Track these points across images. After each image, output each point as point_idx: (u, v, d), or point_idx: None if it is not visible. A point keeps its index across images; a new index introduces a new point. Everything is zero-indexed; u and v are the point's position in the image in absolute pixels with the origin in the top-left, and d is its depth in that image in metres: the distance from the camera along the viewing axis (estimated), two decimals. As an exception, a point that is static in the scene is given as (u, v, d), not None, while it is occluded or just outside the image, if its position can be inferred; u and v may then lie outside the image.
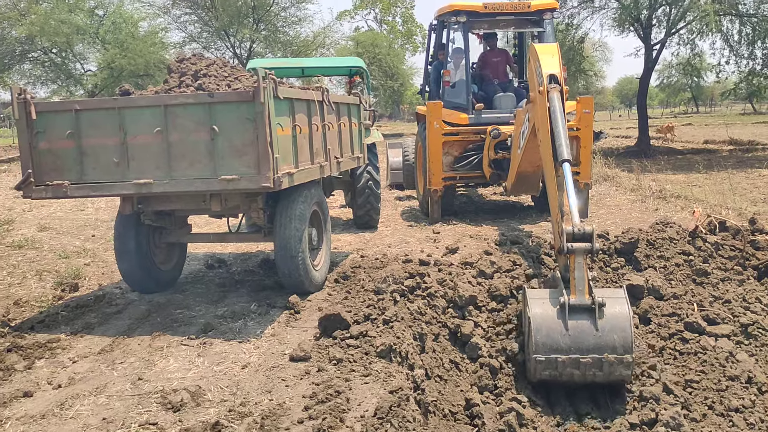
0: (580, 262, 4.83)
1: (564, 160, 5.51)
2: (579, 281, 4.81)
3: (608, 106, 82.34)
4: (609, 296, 4.90)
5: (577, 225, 4.97)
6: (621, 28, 22.45)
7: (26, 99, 5.44)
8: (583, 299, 4.78)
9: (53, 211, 11.99)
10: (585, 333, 4.75)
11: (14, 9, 29.43)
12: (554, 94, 5.96)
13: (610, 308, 4.79)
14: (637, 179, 13.38)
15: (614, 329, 4.74)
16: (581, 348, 4.74)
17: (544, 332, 4.79)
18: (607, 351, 4.71)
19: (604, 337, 4.72)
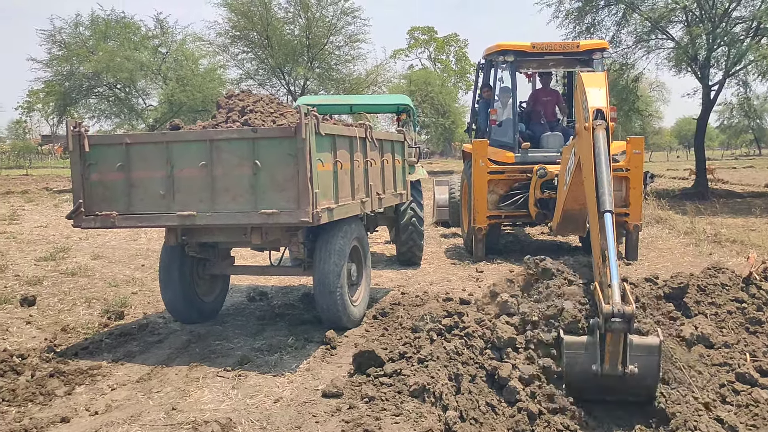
0: (616, 340, 4.85)
1: (606, 211, 5.36)
2: (613, 355, 4.90)
3: (666, 146, 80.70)
4: (642, 354, 4.93)
5: (617, 305, 4.90)
6: (677, 68, 22.09)
7: (80, 132, 5.66)
8: (615, 370, 4.90)
9: (107, 240, 12.39)
10: (614, 389, 5.02)
11: (83, 46, 30.96)
12: (600, 132, 5.72)
13: (641, 370, 4.89)
14: (691, 222, 13.00)
15: (641, 387, 4.96)
16: (610, 394, 5.07)
17: (576, 386, 5.07)
18: (632, 396, 5.03)
19: (632, 390, 5.00)
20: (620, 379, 4.90)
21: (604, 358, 4.94)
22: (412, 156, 9.13)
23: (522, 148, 10.30)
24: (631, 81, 22.63)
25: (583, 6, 20.91)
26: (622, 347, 4.86)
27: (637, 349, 4.92)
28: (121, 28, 32.08)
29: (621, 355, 4.88)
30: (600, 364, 4.92)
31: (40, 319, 6.96)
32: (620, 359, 4.87)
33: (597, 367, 4.91)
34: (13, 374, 5.18)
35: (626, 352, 4.89)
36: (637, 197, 9.73)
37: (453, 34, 67.76)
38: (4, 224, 15.27)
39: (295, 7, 32.02)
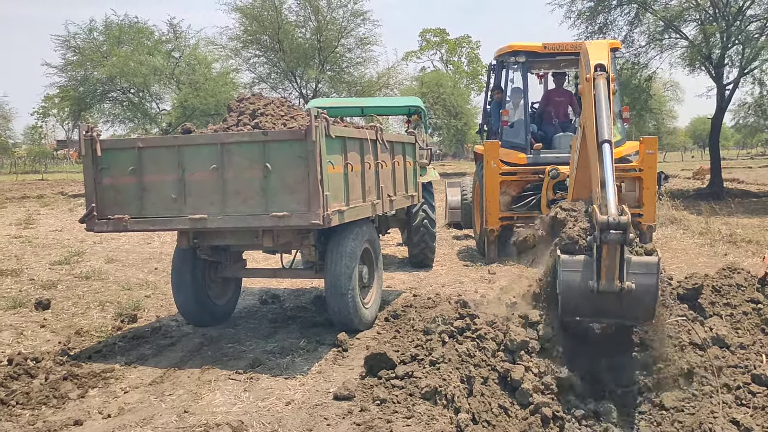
0: (612, 252, 4.81)
1: (604, 141, 5.38)
2: (609, 269, 4.84)
3: (681, 146, 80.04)
4: (641, 272, 4.88)
5: (612, 215, 4.87)
6: (691, 67, 21.92)
7: (92, 137, 5.70)
8: (612, 286, 4.82)
9: (121, 244, 12.47)
10: (611, 308, 4.93)
11: (97, 51, 31.23)
12: (600, 80, 5.86)
13: (638, 288, 4.83)
14: (706, 222, 12.88)
15: (640, 305, 4.88)
16: (606, 316, 5.05)
17: (572, 305, 5.03)
18: (630, 318, 5.00)
19: (629, 311, 4.93)
20: (617, 297, 4.82)
21: (601, 274, 4.88)
22: (423, 158, 9.11)
23: (534, 149, 10.25)
24: (643, 81, 22.49)
25: (595, 6, 20.81)
26: (619, 261, 4.82)
27: (635, 267, 4.88)
28: (135, 33, 32.34)
29: (618, 270, 4.83)
30: (597, 280, 4.86)
31: (55, 323, 7.01)
32: (617, 274, 4.82)
33: (593, 284, 4.85)
34: (27, 377, 5.22)
35: (623, 267, 4.84)
36: (650, 198, 9.66)
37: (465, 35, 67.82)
38: (20, 228, 15.42)
39: (305, 11, 32.16)
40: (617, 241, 4.80)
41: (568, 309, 5.05)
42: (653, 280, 4.89)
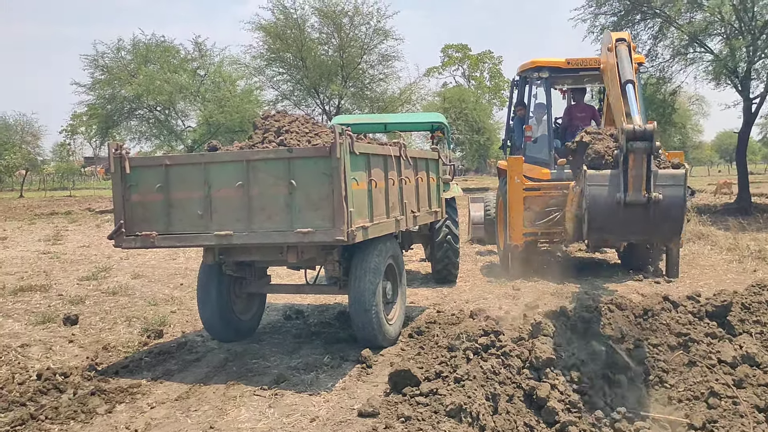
0: (639, 161, 4.81)
1: (627, 81, 5.42)
2: (636, 179, 4.81)
3: (707, 161, 79.08)
4: (667, 184, 4.83)
5: (638, 124, 4.88)
6: (716, 81, 21.68)
7: (121, 154, 5.81)
8: (639, 196, 4.77)
9: (147, 260, 12.61)
10: (638, 223, 4.85)
11: (125, 70, 31.81)
12: (622, 47, 6.00)
13: (665, 200, 4.78)
14: (734, 238, 12.69)
15: (666, 219, 4.81)
16: (632, 232, 4.98)
17: (599, 222, 4.95)
18: (657, 234, 4.98)
19: (656, 226, 4.85)
20: (644, 210, 4.76)
21: (628, 185, 4.83)
22: (446, 173, 9.12)
23: (558, 164, 10.20)
24: (668, 95, 22.30)
25: (618, 20, 20.72)
26: (646, 171, 4.79)
27: (662, 179, 4.84)
28: (161, 52, 32.86)
29: (645, 180, 4.79)
30: (624, 191, 4.81)
31: (82, 338, 7.10)
32: (644, 184, 4.78)
33: (620, 195, 4.80)
34: (56, 392, 5.29)
35: (650, 178, 4.80)
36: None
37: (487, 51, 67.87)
38: (49, 244, 15.68)
39: (328, 28, 32.42)
40: (644, 150, 4.76)
41: (595, 226, 4.93)
42: (680, 192, 4.81)
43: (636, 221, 4.84)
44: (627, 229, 4.91)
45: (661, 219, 4.80)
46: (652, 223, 4.81)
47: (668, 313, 6.10)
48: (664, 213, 4.77)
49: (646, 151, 4.83)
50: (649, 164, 4.85)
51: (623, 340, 5.90)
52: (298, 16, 31.66)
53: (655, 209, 4.75)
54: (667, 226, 4.83)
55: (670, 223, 4.81)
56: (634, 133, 4.83)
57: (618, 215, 4.83)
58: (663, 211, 4.77)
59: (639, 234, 4.96)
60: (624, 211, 4.81)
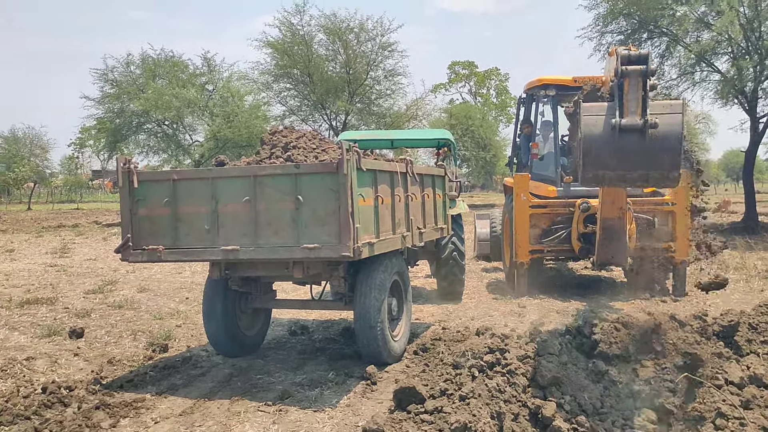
0: (634, 84, 4.72)
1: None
2: (631, 102, 4.70)
3: (713, 180, 78.98)
4: (664, 112, 4.67)
5: (632, 48, 4.84)
6: (724, 100, 21.70)
7: (130, 168, 5.85)
8: (634, 120, 4.64)
9: (153, 273, 12.65)
10: (634, 152, 4.67)
11: (134, 84, 32.10)
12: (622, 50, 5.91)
13: (662, 127, 4.61)
14: (741, 257, 12.63)
15: (663, 149, 4.62)
16: (629, 165, 4.72)
17: (594, 153, 4.76)
18: (655, 168, 4.66)
19: (653, 156, 4.65)
20: (641, 137, 4.60)
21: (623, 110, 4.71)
22: (452, 190, 9.13)
23: (564, 182, 10.21)
24: (675, 113, 22.29)
25: (625, 39, 20.78)
26: (642, 95, 4.69)
27: (658, 108, 4.70)
28: (170, 67, 33.18)
29: (640, 103, 4.67)
30: (619, 116, 4.68)
31: (88, 351, 7.11)
32: (640, 107, 4.65)
33: (616, 120, 4.66)
34: (60, 406, 5.29)
35: (646, 101, 4.68)
36: (684, 232, 9.53)
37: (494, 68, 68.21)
38: (56, 257, 15.74)
39: (335, 45, 32.67)
40: (639, 73, 4.71)
41: (590, 160, 4.76)
42: (678, 120, 4.64)
43: (632, 152, 4.67)
44: (624, 162, 4.71)
45: (659, 148, 4.62)
46: (649, 152, 4.63)
47: (675, 332, 6.07)
48: (662, 141, 4.61)
49: (641, 74, 4.76)
50: (645, 88, 4.75)
51: (629, 359, 5.87)
52: (305, 33, 31.97)
53: (652, 137, 4.60)
54: (665, 157, 4.62)
55: (667, 153, 4.61)
56: (629, 58, 4.80)
57: (614, 144, 4.67)
58: (660, 139, 4.61)
59: (636, 167, 4.70)
60: (620, 140, 4.66)
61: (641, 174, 4.73)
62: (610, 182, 4.93)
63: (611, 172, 4.78)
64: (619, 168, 4.75)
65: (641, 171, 4.71)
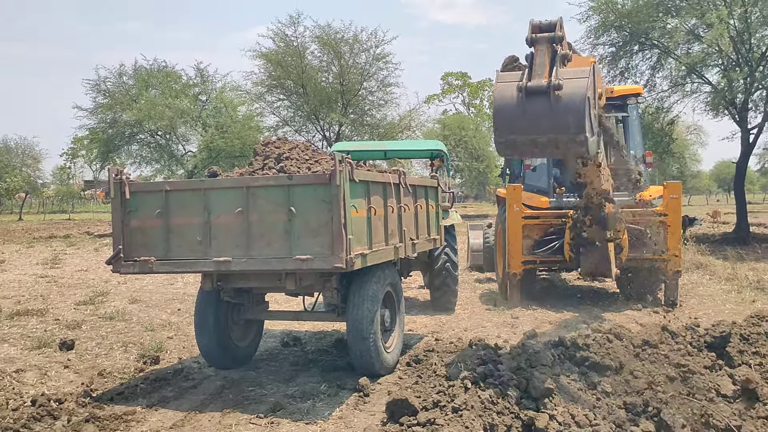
0: (542, 50, 5.00)
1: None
2: (538, 66, 4.93)
3: (705, 190, 79.36)
4: (572, 76, 4.86)
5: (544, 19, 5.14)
6: (715, 111, 21.86)
7: (122, 179, 5.83)
8: (540, 82, 4.82)
9: (145, 285, 12.58)
10: (541, 115, 4.82)
11: (126, 95, 32.05)
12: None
13: (566, 89, 4.78)
14: (732, 268, 12.69)
15: (568, 110, 4.76)
16: (538, 129, 4.86)
17: (504, 117, 4.96)
18: (561, 131, 4.80)
19: (558, 118, 4.78)
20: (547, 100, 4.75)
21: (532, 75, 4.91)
22: (445, 201, 9.15)
23: (557, 192, 10.24)
24: (666, 125, 22.45)
25: (616, 51, 20.95)
26: (549, 60, 4.95)
27: (566, 73, 4.90)
28: (163, 77, 33.15)
29: (547, 68, 4.90)
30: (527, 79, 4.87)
31: (78, 363, 7.05)
32: (546, 71, 4.87)
33: (522, 82, 4.84)
34: (50, 419, 5.23)
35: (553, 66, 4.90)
36: (675, 243, 9.56)
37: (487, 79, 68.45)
38: (47, 268, 15.65)
39: (328, 56, 32.73)
40: (547, 39, 5.00)
41: (501, 124, 4.96)
42: (583, 83, 4.78)
43: (540, 115, 4.81)
44: (533, 125, 4.86)
45: (564, 110, 4.75)
46: (555, 115, 4.76)
47: (667, 343, 6.08)
48: (566, 103, 4.73)
49: (549, 40, 5.03)
50: (553, 54, 4.99)
51: (622, 370, 5.88)
52: (299, 44, 32.01)
53: (558, 100, 4.73)
54: (570, 119, 4.75)
55: (572, 114, 4.75)
56: (540, 26, 5.09)
57: (522, 108, 4.83)
58: (565, 102, 4.74)
59: (545, 131, 4.83)
60: (527, 103, 4.81)
61: (550, 138, 4.88)
62: (522, 148, 5.09)
63: (522, 136, 4.95)
64: (529, 132, 4.92)
65: (550, 135, 4.87)
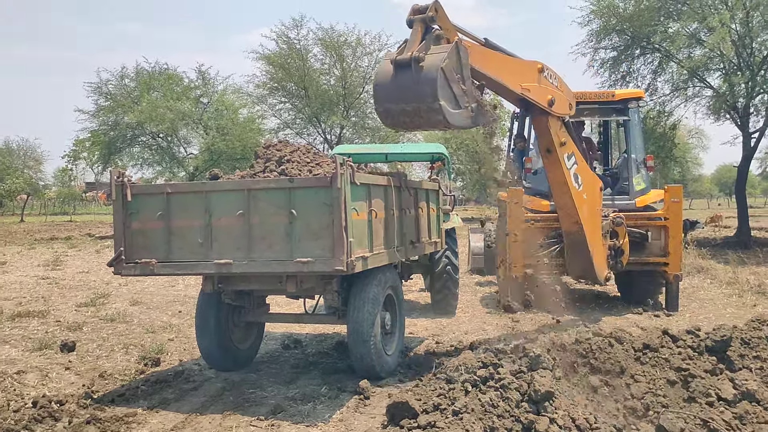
0: (416, 29, 5.69)
1: None
2: (410, 43, 5.66)
3: (706, 194, 79.30)
4: (432, 52, 5.56)
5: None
6: (716, 115, 21.85)
7: (123, 182, 5.84)
8: (405, 56, 5.53)
9: (146, 286, 12.59)
10: (407, 86, 5.53)
11: (128, 97, 32.10)
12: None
13: (426, 62, 5.46)
14: (734, 272, 12.68)
15: (426, 80, 5.44)
16: (405, 98, 5.55)
17: (381, 85, 5.72)
18: (420, 100, 5.49)
19: (419, 88, 5.47)
20: (410, 73, 5.45)
21: (403, 50, 5.65)
22: (446, 204, 9.15)
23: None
24: (668, 129, 22.44)
25: (618, 55, 20.95)
26: (420, 37, 5.65)
27: (432, 50, 5.58)
28: (165, 80, 33.19)
29: (417, 44, 5.61)
30: (397, 54, 5.64)
31: (79, 365, 7.07)
32: (415, 47, 5.57)
33: (392, 55, 5.67)
34: (51, 420, 5.24)
35: (423, 41, 5.61)
36: (676, 246, 9.57)
37: (488, 82, 68.44)
38: (48, 269, 15.67)
39: (330, 59, 32.76)
40: (421, 20, 5.66)
41: (378, 95, 5.74)
42: (441, 57, 5.46)
43: (406, 85, 5.50)
44: (401, 95, 5.57)
45: (423, 80, 5.44)
46: (416, 85, 5.45)
47: (668, 347, 6.08)
48: (424, 73, 5.43)
49: (422, 21, 5.68)
50: (425, 32, 5.68)
51: (622, 374, 5.87)
52: (302, 46, 32.05)
53: (418, 71, 5.43)
54: (426, 88, 5.43)
55: (428, 83, 5.42)
56: (418, 9, 5.72)
57: (393, 80, 5.57)
58: (423, 72, 5.43)
59: (410, 100, 5.54)
60: (397, 75, 5.54)
61: (414, 107, 5.56)
62: (397, 118, 5.75)
63: (394, 105, 5.65)
64: (399, 101, 5.62)
65: (413, 104, 5.54)
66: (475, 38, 6.80)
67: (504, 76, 7.00)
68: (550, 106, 7.47)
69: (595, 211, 8.52)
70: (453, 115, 5.60)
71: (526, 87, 7.19)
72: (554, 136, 7.81)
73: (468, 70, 5.83)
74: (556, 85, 7.64)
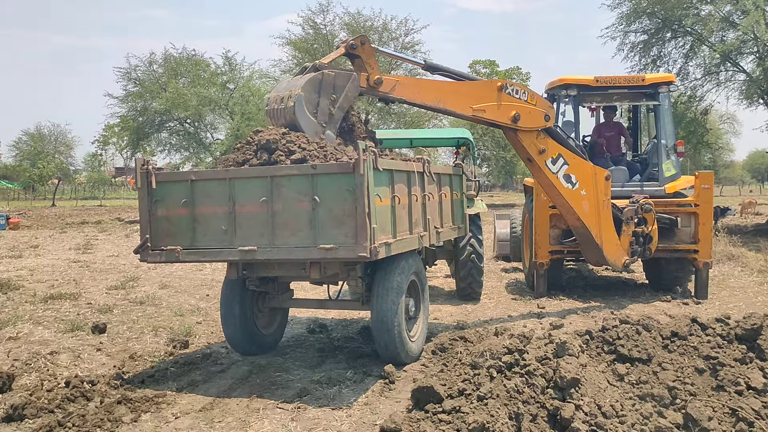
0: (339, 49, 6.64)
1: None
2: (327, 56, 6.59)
3: (738, 180, 77.84)
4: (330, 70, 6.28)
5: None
6: (749, 101, 21.37)
7: (148, 169, 5.90)
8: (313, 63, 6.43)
9: (174, 270, 12.78)
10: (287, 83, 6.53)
11: (156, 83, 32.43)
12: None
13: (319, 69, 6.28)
14: (765, 260, 12.45)
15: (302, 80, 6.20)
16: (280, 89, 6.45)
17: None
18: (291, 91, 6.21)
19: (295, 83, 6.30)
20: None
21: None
22: (471, 189, 9.11)
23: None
24: (699, 114, 22.02)
25: (648, 39, 20.59)
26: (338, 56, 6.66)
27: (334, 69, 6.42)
28: (192, 66, 33.47)
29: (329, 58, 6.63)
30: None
31: (110, 347, 7.21)
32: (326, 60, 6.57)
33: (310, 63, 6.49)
34: (83, 400, 5.37)
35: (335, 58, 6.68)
36: (706, 233, 9.42)
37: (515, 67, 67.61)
38: (79, 253, 15.97)
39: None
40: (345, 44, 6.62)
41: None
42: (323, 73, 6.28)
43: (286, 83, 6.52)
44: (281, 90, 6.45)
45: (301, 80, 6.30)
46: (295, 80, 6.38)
47: (696, 335, 6.00)
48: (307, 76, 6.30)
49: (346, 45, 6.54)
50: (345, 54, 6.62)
51: (650, 362, 5.82)
52: (328, 31, 32.01)
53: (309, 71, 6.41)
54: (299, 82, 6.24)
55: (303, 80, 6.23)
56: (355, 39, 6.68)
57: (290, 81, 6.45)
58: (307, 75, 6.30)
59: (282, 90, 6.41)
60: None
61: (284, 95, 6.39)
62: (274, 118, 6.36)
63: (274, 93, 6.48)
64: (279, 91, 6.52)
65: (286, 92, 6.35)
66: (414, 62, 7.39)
67: (448, 103, 7.10)
68: (514, 122, 7.50)
69: (600, 203, 8.43)
70: (304, 116, 6.02)
71: (480, 108, 7.24)
72: (528, 147, 7.86)
73: (347, 100, 6.41)
74: (525, 99, 7.59)
